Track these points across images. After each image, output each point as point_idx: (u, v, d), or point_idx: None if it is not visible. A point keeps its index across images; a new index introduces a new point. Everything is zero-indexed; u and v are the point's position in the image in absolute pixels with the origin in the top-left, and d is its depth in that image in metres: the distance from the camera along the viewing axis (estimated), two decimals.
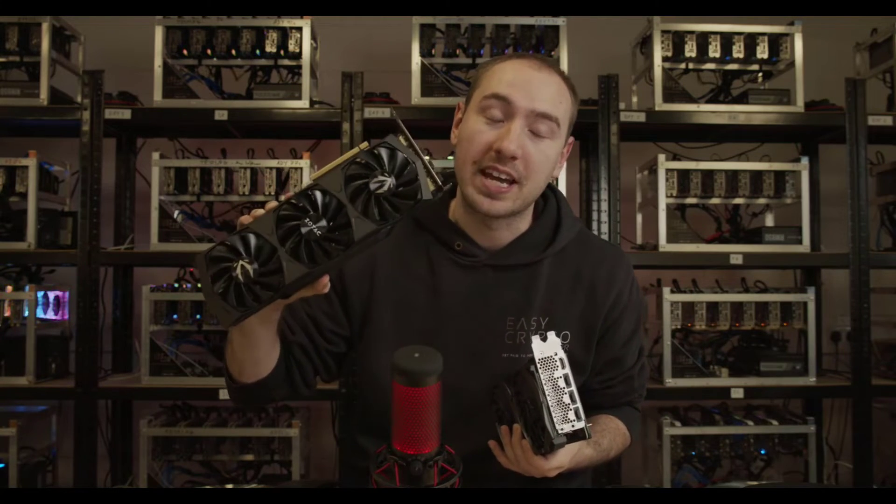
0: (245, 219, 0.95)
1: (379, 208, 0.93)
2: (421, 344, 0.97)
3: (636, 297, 1.30)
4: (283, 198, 0.95)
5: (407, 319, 1.22)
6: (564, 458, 1.04)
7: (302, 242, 0.92)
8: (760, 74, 2.57)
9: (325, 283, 0.97)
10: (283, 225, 0.92)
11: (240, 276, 0.91)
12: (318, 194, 0.93)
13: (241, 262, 0.91)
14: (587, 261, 1.27)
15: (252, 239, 0.91)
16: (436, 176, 0.96)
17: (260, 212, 0.94)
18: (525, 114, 1.15)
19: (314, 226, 0.92)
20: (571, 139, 1.27)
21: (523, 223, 1.26)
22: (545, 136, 1.16)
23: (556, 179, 2.35)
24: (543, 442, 1.00)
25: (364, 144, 0.95)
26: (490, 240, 1.24)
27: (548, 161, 1.18)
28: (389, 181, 0.93)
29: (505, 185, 1.15)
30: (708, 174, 2.43)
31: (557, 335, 1.20)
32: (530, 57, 1.20)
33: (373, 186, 0.93)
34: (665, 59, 2.42)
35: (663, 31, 2.42)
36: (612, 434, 1.24)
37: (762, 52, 2.45)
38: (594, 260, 1.27)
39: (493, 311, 1.22)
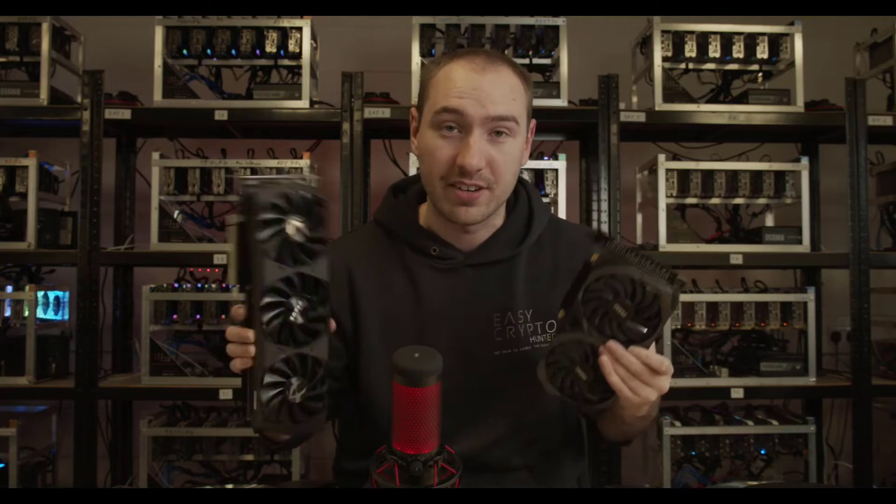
0: (239, 363, 0.97)
1: (293, 253, 0.96)
2: None
3: None
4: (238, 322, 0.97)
5: (394, 333, 1.19)
6: (669, 362, 1.00)
7: (291, 327, 0.96)
8: (760, 74, 2.57)
9: (333, 324, 1.01)
10: (274, 335, 0.95)
11: (296, 398, 0.97)
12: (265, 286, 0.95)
13: (292, 383, 0.96)
14: (562, 249, 1.26)
15: (284, 364, 0.96)
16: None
17: (248, 350, 0.96)
18: (480, 122, 1.12)
19: (296, 310, 0.96)
20: (533, 122, 1.25)
21: (497, 219, 1.25)
22: (507, 136, 1.14)
23: (557, 180, 2.35)
24: (661, 310, 0.95)
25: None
26: (466, 241, 1.23)
27: (513, 159, 1.16)
28: (299, 225, 0.96)
29: (476, 192, 1.14)
30: (708, 174, 2.43)
31: (545, 325, 1.18)
32: (473, 56, 1.15)
33: (289, 230, 0.96)
34: (665, 59, 2.42)
35: (663, 31, 2.42)
36: None
37: (762, 52, 2.45)
38: (568, 246, 1.26)
39: (477, 310, 1.20)
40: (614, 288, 0.97)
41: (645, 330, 0.97)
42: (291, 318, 0.95)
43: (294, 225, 0.95)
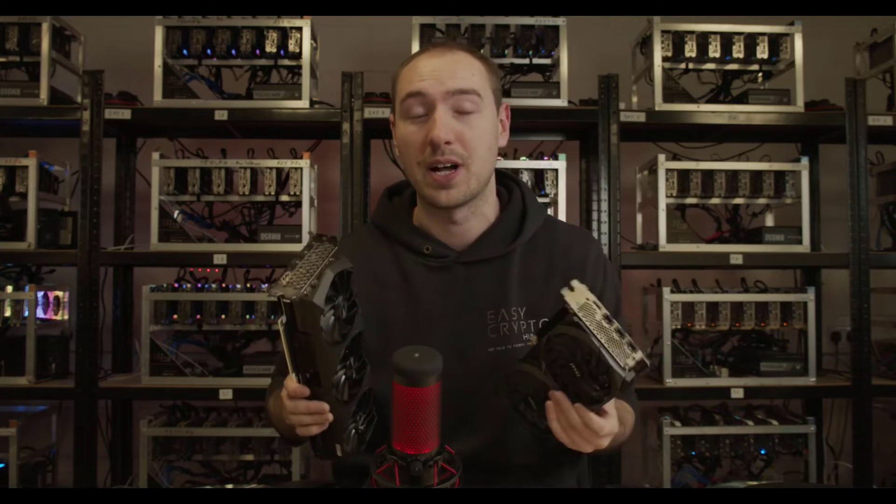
0: (316, 430, 1.04)
1: (342, 327, 1.03)
2: None
3: (611, 276, 1.29)
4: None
5: (391, 334, 1.19)
6: (613, 424, 1.00)
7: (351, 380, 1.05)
8: (760, 74, 2.57)
9: None
10: (347, 397, 1.04)
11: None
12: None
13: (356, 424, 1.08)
14: (557, 249, 1.26)
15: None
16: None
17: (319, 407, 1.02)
18: (442, 97, 1.16)
19: (351, 367, 1.06)
20: (506, 104, 1.27)
21: (488, 210, 1.26)
22: (472, 111, 1.17)
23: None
24: (611, 386, 0.94)
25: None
26: (459, 236, 1.24)
27: (484, 134, 1.18)
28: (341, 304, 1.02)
29: (451, 171, 1.16)
30: (708, 174, 2.43)
31: (538, 324, 1.17)
32: (433, 47, 1.22)
33: (338, 311, 1.02)
34: (665, 59, 2.42)
35: (663, 31, 2.42)
36: (629, 415, 1.22)
37: (762, 52, 2.45)
38: (564, 247, 1.26)
39: (471, 307, 1.21)
40: (572, 350, 0.97)
41: (595, 394, 0.97)
42: (351, 375, 1.04)
43: (341, 305, 1.01)
